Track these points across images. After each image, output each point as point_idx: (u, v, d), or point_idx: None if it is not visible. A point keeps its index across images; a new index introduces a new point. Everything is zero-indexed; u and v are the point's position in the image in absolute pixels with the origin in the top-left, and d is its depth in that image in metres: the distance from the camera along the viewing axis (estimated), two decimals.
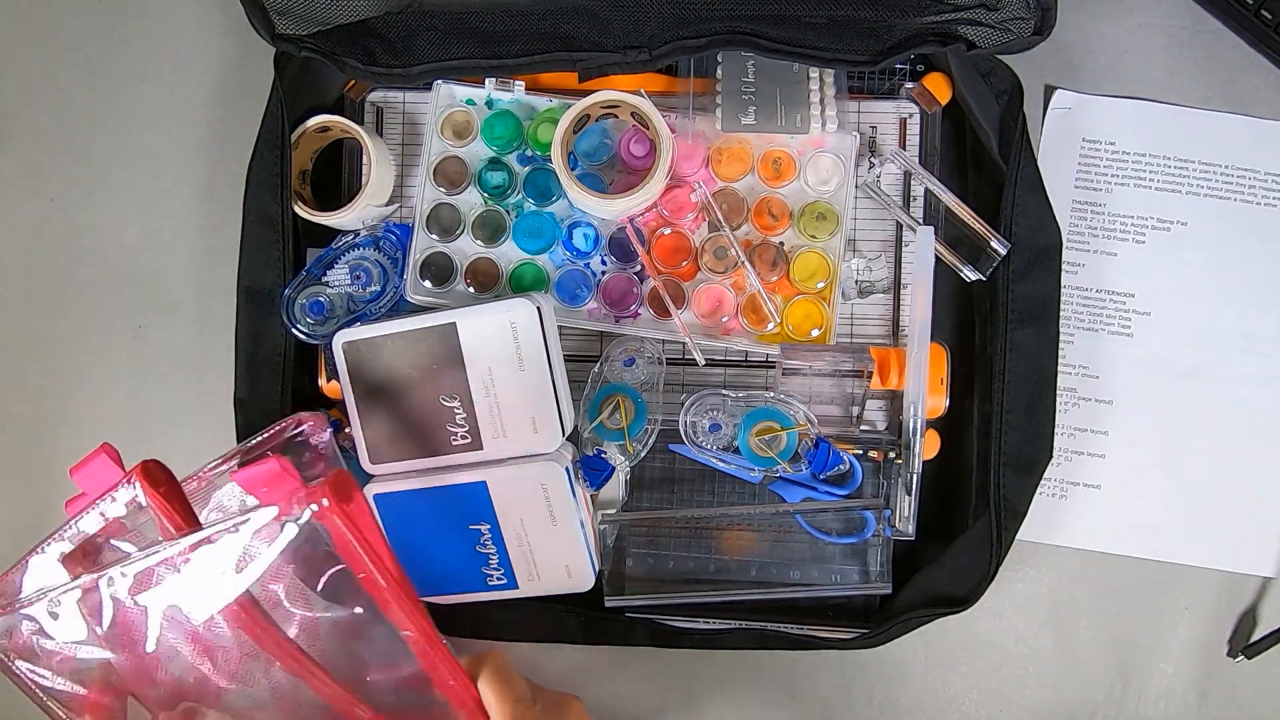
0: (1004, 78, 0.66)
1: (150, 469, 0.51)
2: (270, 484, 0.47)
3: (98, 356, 0.74)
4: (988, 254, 0.66)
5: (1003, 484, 0.64)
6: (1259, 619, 0.71)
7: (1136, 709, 0.71)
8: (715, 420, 0.66)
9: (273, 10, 0.63)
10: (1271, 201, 0.72)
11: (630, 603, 0.67)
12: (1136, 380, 0.72)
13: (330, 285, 0.66)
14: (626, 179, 0.68)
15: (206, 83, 0.75)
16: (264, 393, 0.65)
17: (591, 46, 0.64)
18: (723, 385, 0.69)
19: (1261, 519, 0.71)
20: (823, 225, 0.68)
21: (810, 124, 0.67)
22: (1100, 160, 0.73)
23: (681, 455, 0.68)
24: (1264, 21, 0.71)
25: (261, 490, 0.47)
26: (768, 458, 0.65)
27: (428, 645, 0.50)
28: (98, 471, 0.51)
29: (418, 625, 0.49)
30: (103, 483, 0.51)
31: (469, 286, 0.68)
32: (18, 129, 0.75)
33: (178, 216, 0.74)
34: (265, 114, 0.65)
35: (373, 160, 0.66)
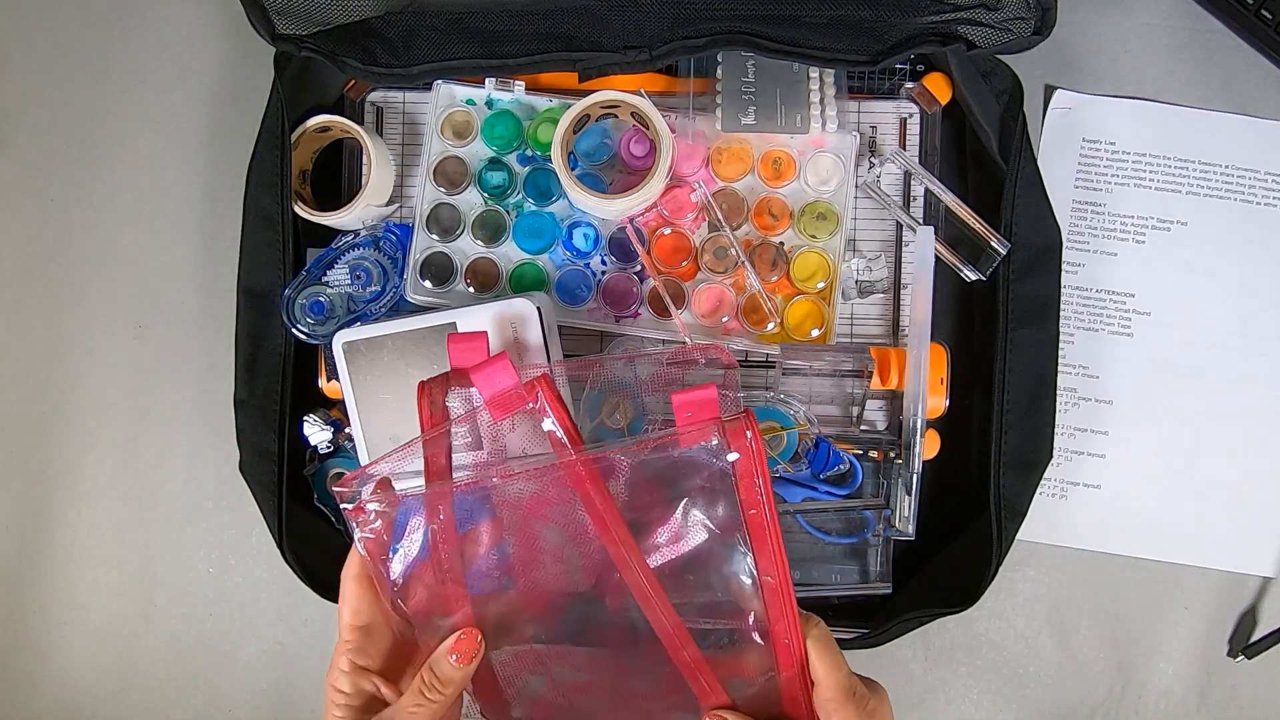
0: (1004, 78, 0.66)
1: (546, 379, 0.51)
2: (698, 410, 0.48)
3: (98, 356, 0.74)
4: (988, 254, 0.66)
5: (1003, 484, 0.64)
6: (1259, 619, 0.71)
7: (1136, 709, 0.71)
8: None
9: (273, 10, 0.62)
10: (1271, 201, 0.72)
11: None
12: (1136, 380, 0.72)
13: (330, 285, 0.66)
14: (626, 179, 0.68)
15: (206, 83, 0.75)
16: (264, 393, 0.65)
17: (591, 46, 0.64)
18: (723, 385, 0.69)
19: (1261, 519, 0.71)
20: (823, 225, 0.68)
21: (810, 124, 0.67)
22: (1100, 160, 0.73)
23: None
24: (1264, 21, 0.71)
25: (686, 414, 0.48)
26: (768, 458, 0.65)
27: (783, 596, 0.49)
28: (495, 375, 0.51)
29: (780, 572, 0.49)
30: (498, 384, 0.51)
31: (469, 286, 0.68)
32: (18, 129, 0.75)
33: (178, 216, 0.74)
34: (265, 114, 0.65)
35: (373, 160, 0.66)
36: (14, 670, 0.73)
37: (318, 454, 0.68)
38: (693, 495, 0.49)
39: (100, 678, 0.73)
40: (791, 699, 0.51)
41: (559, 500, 0.50)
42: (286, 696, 0.73)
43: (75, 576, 0.73)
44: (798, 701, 0.51)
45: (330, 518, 0.69)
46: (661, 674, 0.51)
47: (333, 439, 0.67)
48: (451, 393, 0.54)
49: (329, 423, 0.67)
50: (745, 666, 0.51)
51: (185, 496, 0.73)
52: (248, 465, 0.65)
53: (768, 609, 0.50)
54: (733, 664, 0.51)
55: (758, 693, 0.51)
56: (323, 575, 0.66)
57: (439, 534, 0.51)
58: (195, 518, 0.73)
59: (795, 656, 0.50)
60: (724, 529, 0.49)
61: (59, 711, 0.73)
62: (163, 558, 0.73)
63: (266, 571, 0.73)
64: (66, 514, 0.74)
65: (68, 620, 0.73)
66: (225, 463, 0.71)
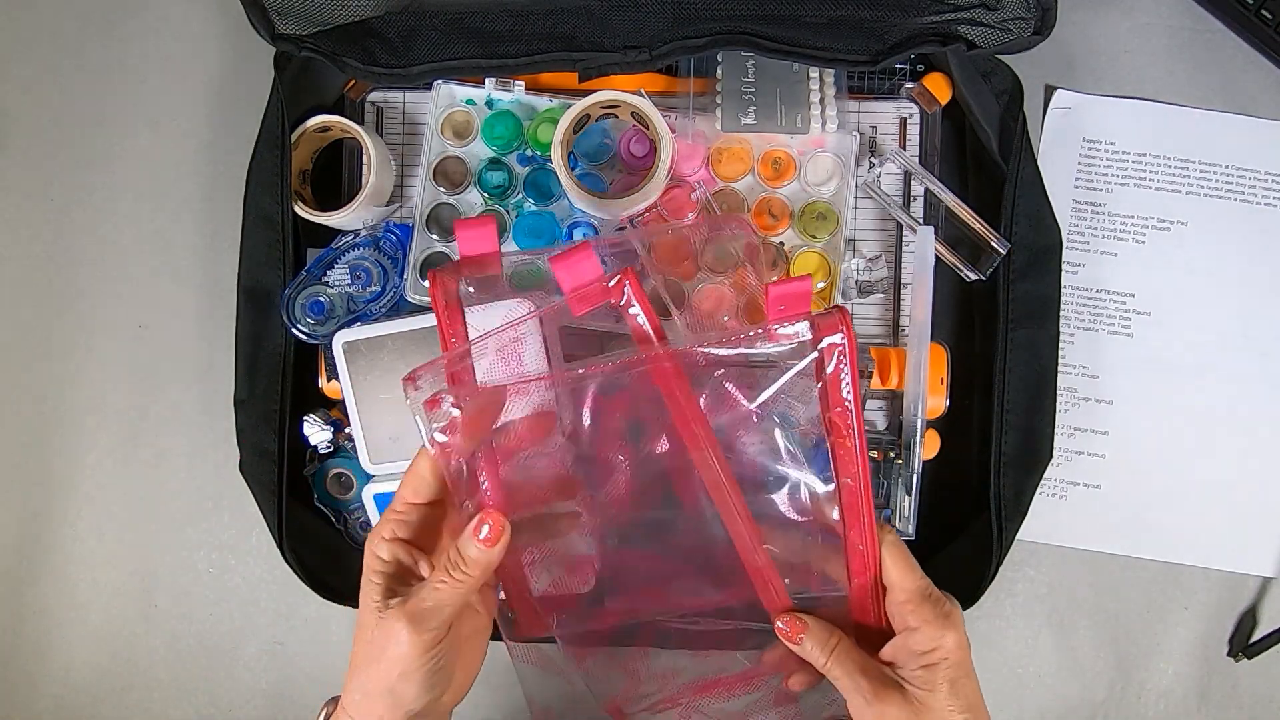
0: (1004, 78, 0.66)
1: (633, 271, 0.50)
2: (791, 304, 0.47)
3: (98, 356, 0.74)
4: (988, 254, 0.66)
5: (1003, 484, 0.64)
6: (1259, 619, 0.71)
7: (1136, 709, 0.71)
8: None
9: (273, 10, 0.62)
10: (1271, 201, 0.72)
11: None
12: (1136, 380, 0.72)
13: (330, 285, 0.66)
14: (626, 179, 0.68)
15: (206, 82, 0.75)
16: (264, 393, 0.65)
17: (591, 46, 0.64)
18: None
19: (1261, 519, 0.71)
20: (823, 225, 0.68)
21: (810, 124, 0.67)
22: (1100, 160, 0.73)
23: None
24: (1264, 21, 0.71)
25: (780, 308, 0.47)
26: None
27: (861, 500, 0.48)
28: (579, 265, 0.50)
29: (861, 475, 0.48)
30: (583, 277, 0.50)
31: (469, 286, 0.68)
32: (18, 129, 0.75)
33: (178, 216, 0.74)
34: (265, 114, 0.65)
35: (373, 160, 0.66)
36: (14, 670, 0.73)
37: (318, 454, 0.68)
38: (776, 394, 0.48)
39: (100, 678, 0.73)
40: (861, 607, 0.51)
41: (641, 395, 0.49)
42: (286, 696, 0.73)
43: (75, 576, 0.73)
44: (868, 609, 0.50)
45: (330, 518, 0.69)
46: (729, 580, 0.51)
47: (333, 439, 0.67)
48: (463, 282, 0.53)
49: (329, 423, 0.67)
50: (816, 573, 0.51)
51: (185, 496, 0.73)
52: (248, 465, 0.65)
53: (845, 512, 0.49)
54: (803, 571, 0.51)
55: (827, 600, 0.51)
56: (323, 575, 0.66)
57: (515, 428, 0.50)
58: (195, 518, 0.73)
59: (871, 561, 0.50)
60: (805, 429, 0.49)
61: (59, 711, 0.73)
62: (163, 558, 0.73)
63: (266, 571, 0.73)
64: (66, 514, 0.74)
65: (68, 620, 0.73)
66: (225, 463, 0.71)
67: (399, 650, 0.48)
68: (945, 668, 0.49)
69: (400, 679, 0.48)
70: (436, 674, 0.49)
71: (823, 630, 0.50)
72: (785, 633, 0.50)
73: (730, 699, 0.54)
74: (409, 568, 0.51)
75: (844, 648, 0.49)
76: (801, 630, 0.49)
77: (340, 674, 0.71)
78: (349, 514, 0.69)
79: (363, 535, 0.69)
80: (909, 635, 0.50)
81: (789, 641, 0.50)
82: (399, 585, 0.49)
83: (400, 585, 0.49)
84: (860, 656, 0.50)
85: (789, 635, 0.50)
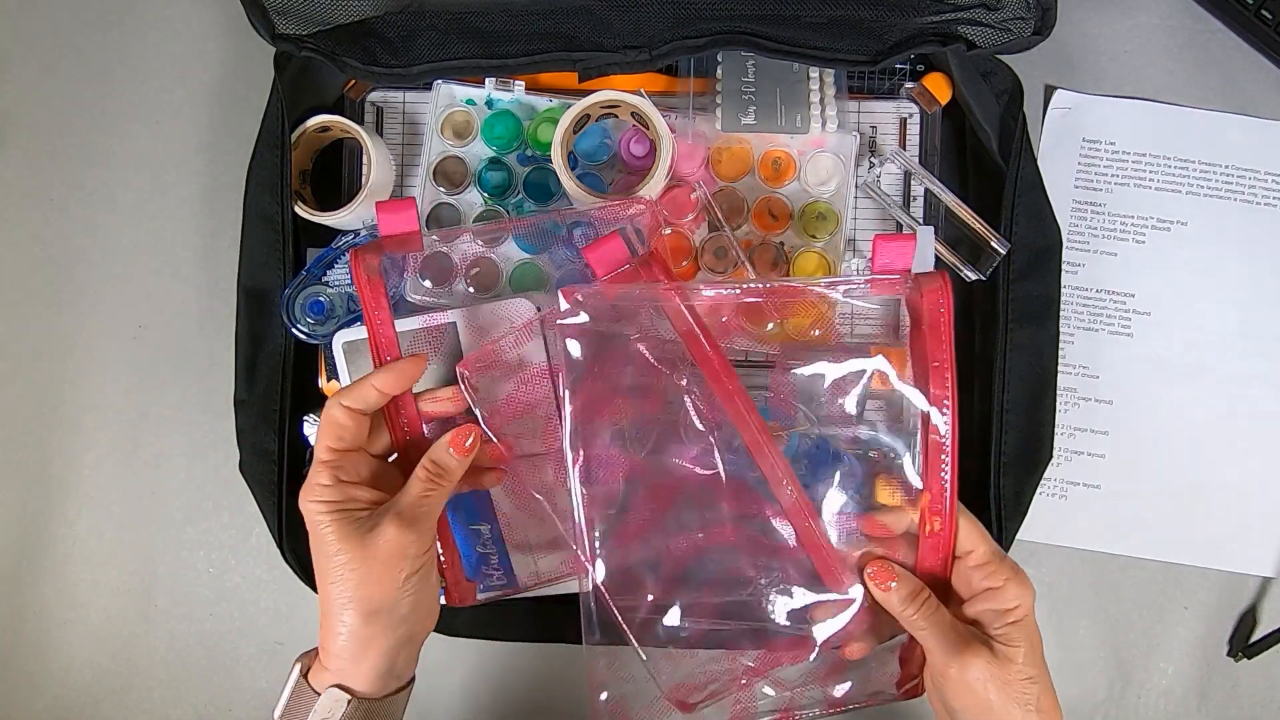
0: (1004, 78, 0.66)
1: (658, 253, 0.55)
2: (895, 257, 0.51)
3: (98, 356, 0.74)
4: (988, 254, 0.66)
5: (1003, 484, 0.64)
6: (1259, 619, 0.71)
7: (1136, 709, 0.71)
8: None
9: (273, 10, 0.62)
10: (1271, 201, 0.72)
11: None
12: (1136, 380, 0.72)
13: (330, 285, 0.66)
14: (626, 179, 0.68)
15: (206, 82, 0.75)
16: (264, 393, 0.65)
17: (592, 46, 0.64)
18: None
19: (1261, 519, 0.71)
20: (823, 225, 0.68)
21: (810, 124, 0.67)
22: (1100, 160, 0.73)
23: None
24: (1264, 21, 0.71)
25: (884, 260, 0.51)
26: None
27: (951, 455, 0.50)
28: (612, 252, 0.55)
29: (952, 433, 0.51)
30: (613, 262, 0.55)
31: (469, 286, 0.68)
32: (18, 129, 0.75)
33: (178, 216, 0.74)
34: (265, 114, 0.65)
35: (373, 160, 0.66)
36: (14, 670, 0.73)
37: None
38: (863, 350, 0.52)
39: (100, 678, 0.73)
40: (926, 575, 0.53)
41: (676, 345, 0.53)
42: None
43: (75, 576, 0.73)
44: (935, 579, 0.53)
45: None
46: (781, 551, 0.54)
47: None
48: (386, 258, 0.58)
49: None
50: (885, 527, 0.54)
51: (185, 496, 0.73)
52: (248, 465, 0.65)
53: (926, 466, 0.51)
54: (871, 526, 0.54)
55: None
56: None
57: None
58: (195, 518, 0.73)
59: (948, 541, 0.52)
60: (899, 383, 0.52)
61: (59, 711, 0.73)
62: (163, 558, 0.73)
63: (266, 571, 0.73)
64: (66, 514, 0.74)
65: (68, 620, 0.73)
66: (225, 463, 0.71)
67: (393, 551, 0.51)
68: (1028, 625, 0.52)
69: (401, 587, 0.52)
70: (426, 580, 0.53)
71: (911, 582, 0.52)
72: (875, 576, 0.51)
73: (784, 668, 0.56)
74: (359, 502, 0.53)
75: (933, 602, 0.51)
76: (891, 578, 0.51)
77: None
78: None
79: None
80: (991, 595, 0.52)
81: (877, 586, 0.52)
82: (353, 517, 0.52)
83: (354, 517, 0.52)
84: (946, 612, 0.52)
85: (878, 580, 0.51)
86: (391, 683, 0.53)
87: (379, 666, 0.52)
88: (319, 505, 0.52)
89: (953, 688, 0.51)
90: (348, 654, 0.52)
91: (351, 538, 0.51)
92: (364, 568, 0.51)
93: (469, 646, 0.71)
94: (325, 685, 0.52)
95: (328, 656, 0.52)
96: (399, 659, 0.53)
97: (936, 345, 0.50)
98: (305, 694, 0.53)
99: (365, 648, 0.52)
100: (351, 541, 0.51)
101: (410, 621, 0.53)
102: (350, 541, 0.51)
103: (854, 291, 0.53)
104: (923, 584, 0.53)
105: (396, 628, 0.52)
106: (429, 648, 0.56)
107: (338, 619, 0.52)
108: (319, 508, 0.52)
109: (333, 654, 0.52)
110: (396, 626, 0.52)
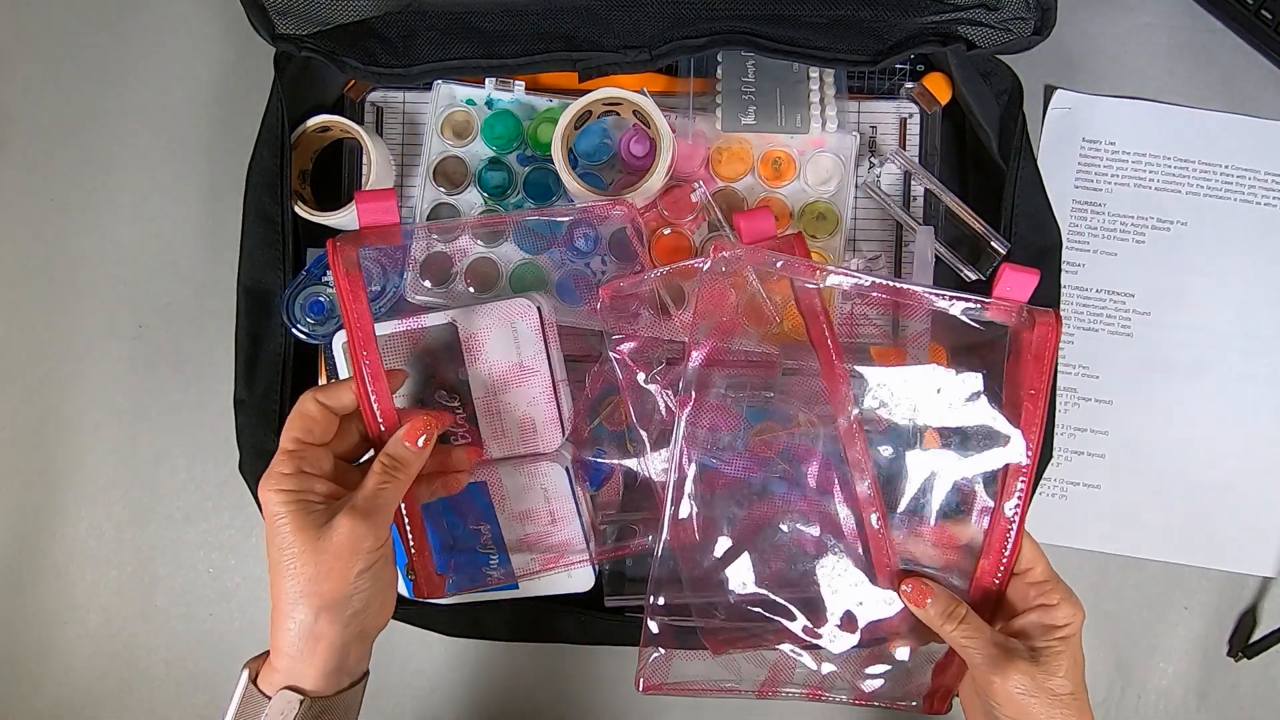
0: (1004, 78, 0.66)
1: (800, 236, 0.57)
2: (1017, 288, 0.54)
3: (98, 356, 0.74)
4: (988, 254, 0.66)
5: None
6: (1259, 619, 0.71)
7: (1136, 709, 0.71)
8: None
9: (273, 10, 0.62)
10: (1271, 201, 0.72)
11: (630, 603, 0.67)
12: (1136, 380, 0.72)
13: (330, 285, 0.66)
14: (626, 179, 0.68)
15: (207, 82, 0.75)
16: (264, 393, 0.65)
17: (591, 46, 0.64)
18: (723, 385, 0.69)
19: (1261, 519, 0.71)
20: (823, 225, 0.68)
21: (810, 124, 0.67)
22: (1100, 160, 0.73)
23: None
24: (1264, 21, 0.71)
25: (1006, 289, 0.54)
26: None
27: (1029, 479, 0.53)
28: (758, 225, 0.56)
29: (1033, 456, 0.53)
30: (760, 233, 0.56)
31: (469, 286, 0.68)
32: (18, 129, 0.75)
33: (178, 216, 0.74)
34: (265, 114, 0.65)
35: (373, 160, 0.66)
36: (14, 670, 0.73)
37: None
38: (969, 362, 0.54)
39: (100, 678, 0.73)
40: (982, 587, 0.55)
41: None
42: None
43: (75, 576, 0.73)
44: (990, 591, 0.54)
45: None
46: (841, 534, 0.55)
47: None
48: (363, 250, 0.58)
49: None
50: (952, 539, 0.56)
51: (185, 496, 0.73)
52: (248, 465, 0.65)
53: (1003, 487, 0.53)
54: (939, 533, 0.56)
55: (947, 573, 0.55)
56: None
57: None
58: (195, 518, 0.73)
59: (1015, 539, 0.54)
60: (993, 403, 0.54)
61: (59, 711, 0.73)
62: (163, 558, 0.73)
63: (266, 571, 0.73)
64: (66, 514, 0.74)
65: (68, 620, 0.73)
66: (225, 463, 0.71)
67: (346, 545, 0.51)
68: (1074, 644, 0.53)
69: (354, 581, 0.51)
70: (380, 576, 0.53)
71: (947, 598, 0.53)
72: (910, 595, 0.53)
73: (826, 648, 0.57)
74: (310, 498, 0.53)
75: (971, 617, 0.53)
76: (928, 595, 0.52)
77: None
78: None
79: None
80: (1044, 611, 0.54)
81: (913, 605, 0.53)
82: (311, 508, 0.52)
83: (311, 510, 0.52)
84: (985, 626, 0.53)
85: (914, 599, 0.53)
86: (344, 679, 0.53)
87: (330, 663, 0.52)
88: (278, 495, 0.52)
89: (998, 696, 0.52)
90: (297, 651, 0.51)
91: (306, 529, 0.51)
92: (316, 561, 0.51)
93: (461, 646, 0.71)
94: (276, 687, 0.51)
95: (278, 655, 0.52)
96: (350, 655, 0.53)
97: (1038, 374, 0.53)
98: (255, 699, 0.52)
99: (316, 644, 0.51)
100: (306, 534, 0.51)
101: (363, 617, 0.53)
102: (304, 534, 0.51)
103: (971, 311, 0.55)
104: (959, 600, 0.54)
105: (348, 624, 0.52)
106: (418, 647, 0.56)
107: (289, 615, 0.51)
108: (278, 497, 0.52)
109: (283, 652, 0.52)
110: (348, 623, 0.52)
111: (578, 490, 0.63)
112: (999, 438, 0.55)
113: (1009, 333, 0.55)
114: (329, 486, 0.54)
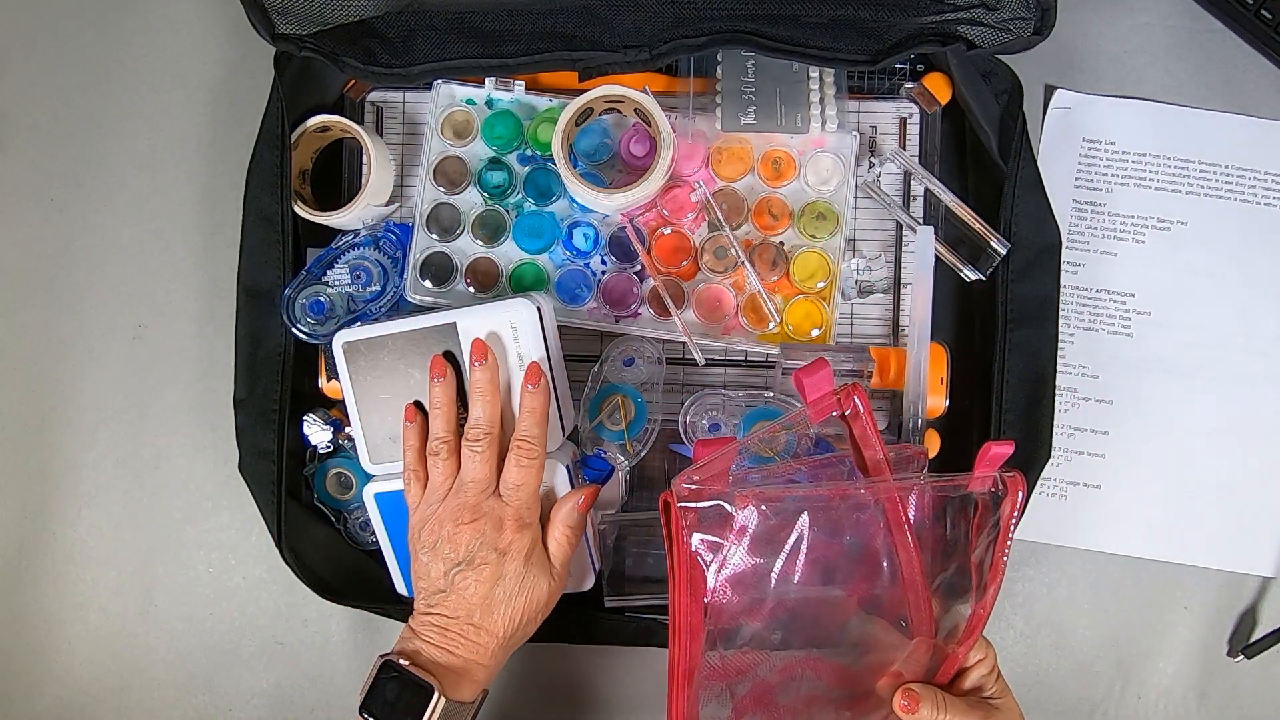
0: (1004, 78, 0.66)
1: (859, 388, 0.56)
2: (993, 462, 0.54)
3: (98, 356, 0.74)
4: (988, 254, 0.66)
5: None
6: (1259, 619, 0.71)
7: (1136, 709, 0.71)
8: (715, 420, 0.66)
9: (273, 10, 0.63)
10: (1271, 201, 0.72)
11: (630, 603, 0.67)
12: (1136, 380, 0.72)
13: (330, 285, 0.66)
14: (626, 179, 0.68)
15: (206, 83, 0.75)
16: (264, 393, 0.65)
17: (592, 46, 0.64)
18: (723, 385, 0.69)
19: (1261, 519, 0.71)
20: (823, 225, 0.68)
21: (810, 124, 0.67)
22: (1100, 160, 0.73)
23: (682, 455, 0.67)
24: (1264, 21, 0.71)
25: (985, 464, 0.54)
26: (767, 457, 0.65)
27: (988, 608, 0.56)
28: (819, 382, 0.55)
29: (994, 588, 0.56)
30: (820, 390, 0.55)
31: (469, 286, 0.68)
32: (18, 129, 0.75)
33: (178, 216, 0.74)
34: (265, 114, 0.65)
35: (373, 160, 0.66)
36: (14, 670, 0.73)
37: (318, 454, 0.68)
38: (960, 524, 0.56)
39: (100, 678, 0.73)
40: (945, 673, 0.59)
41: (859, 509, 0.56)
42: (286, 696, 0.73)
43: (75, 576, 0.73)
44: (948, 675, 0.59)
45: (329, 517, 0.69)
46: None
47: (333, 439, 0.67)
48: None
49: (329, 423, 0.67)
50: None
51: (185, 496, 0.73)
52: (247, 465, 0.65)
53: (973, 614, 0.56)
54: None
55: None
56: (322, 574, 0.66)
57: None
58: (195, 518, 0.73)
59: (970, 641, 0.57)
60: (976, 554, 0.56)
61: (59, 711, 0.73)
62: (163, 558, 0.73)
63: (266, 571, 0.73)
64: (66, 514, 0.74)
65: (68, 620, 0.73)
66: (225, 463, 0.71)
67: (555, 599, 0.61)
68: (999, 674, 0.59)
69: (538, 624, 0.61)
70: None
71: (930, 694, 0.57)
72: (905, 707, 0.57)
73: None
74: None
75: (950, 701, 0.57)
76: (917, 701, 0.56)
77: (340, 672, 0.71)
78: (348, 514, 0.69)
79: (362, 535, 0.69)
80: (978, 665, 0.58)
81: (907, 715, 0.57)
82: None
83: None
84: (955, 699, 0.57)
85: (908, 709, 0.57)
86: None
87: (486, 682, 0.60)
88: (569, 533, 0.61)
89: None
90: (486, 674, 0.60)
91: (546, 570, 0.61)
92: (520, 590, 0.59)
93: None
94: (473, 696, 0.59)
95: (469, 672, 0.58)
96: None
97: (1003, 542, 0.55)
98: (457, 710, 0.58)
99: (498, 666, 0.60)
100: (535, 571, 0.60)
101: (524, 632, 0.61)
102: (536, 571, 0.60)
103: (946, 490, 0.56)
104: (934, 689, 0.57)
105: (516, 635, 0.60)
106: None
107: (493, 638, 0.59)
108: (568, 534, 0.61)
109: (489, 667, 0.59)
110: (515, 635, 0.60)
111: None
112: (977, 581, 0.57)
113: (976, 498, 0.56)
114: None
